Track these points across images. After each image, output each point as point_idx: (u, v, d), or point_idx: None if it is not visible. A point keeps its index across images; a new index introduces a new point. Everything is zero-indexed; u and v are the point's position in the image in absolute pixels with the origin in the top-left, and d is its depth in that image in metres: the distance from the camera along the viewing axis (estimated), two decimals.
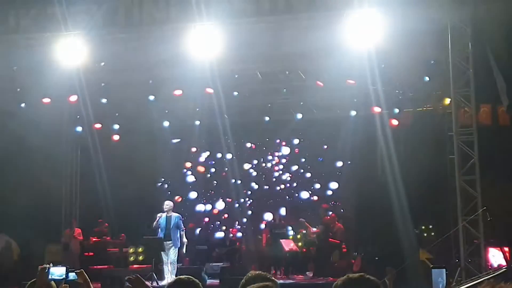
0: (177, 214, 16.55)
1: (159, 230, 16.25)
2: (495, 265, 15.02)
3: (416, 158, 18.64)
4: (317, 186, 23.22)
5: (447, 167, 18.12)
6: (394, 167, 18.18)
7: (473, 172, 14.50)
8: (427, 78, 17.78)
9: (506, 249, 15.48)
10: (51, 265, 5.27)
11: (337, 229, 18.33)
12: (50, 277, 5.20)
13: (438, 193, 18.89)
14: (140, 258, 19.47)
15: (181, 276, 4.41)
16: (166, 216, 16.26)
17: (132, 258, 19.54)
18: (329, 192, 22.90)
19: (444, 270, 3.94)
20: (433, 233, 18.24)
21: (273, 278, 4.72)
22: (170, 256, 16.04)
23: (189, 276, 4.35)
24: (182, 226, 16.53)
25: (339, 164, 22.64)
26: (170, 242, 16.19)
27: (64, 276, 5.29)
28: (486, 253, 14.58)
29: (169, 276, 15.65)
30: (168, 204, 16.52)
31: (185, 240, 16.56)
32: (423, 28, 14.17)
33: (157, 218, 16.26)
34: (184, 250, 16.74)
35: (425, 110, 19.85)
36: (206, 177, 24.08)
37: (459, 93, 14.72)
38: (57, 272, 5.24)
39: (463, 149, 14.61)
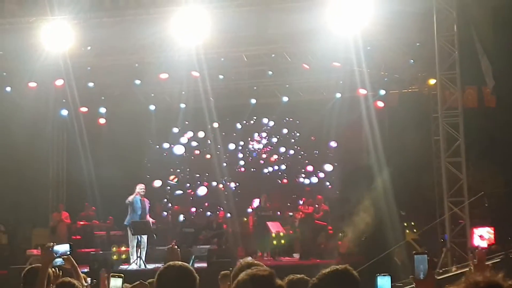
0: (147, 200, 16.63)
1: (134, 212, 16.19)
2: (481, 245, 15.14)
3: (401, 140, 18.75)
4: (309, 168, 23.36)
5: (432, 149, 18.24)
6: (379, 148, 18.25)
7: (458, 154, 14.60)
8: (412, 61, 17.88)
9: (491, 229, 15.63)
10: (54, 243, 5.37)
11: (323, 211, 18.38)
12: (55, 254, 5.29)
13: (423, 175, 19.02)
14: None
15: (175, 262, 4.11)
16: (140, 199, 16.28)
17: None
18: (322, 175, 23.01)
19: (426, 256, 3.95)
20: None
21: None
22: (143, 240, 15.96)
23: (184, 263, 4.09)
24: None
25: (329, 146, 22.65)
26: None
27: (69, 252, 5.42)
28: (471, 233, 14.70)
29: (138, 261, 15.50)
30: (143, 187, 16.53)
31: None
32: (409, 10, 14.23)
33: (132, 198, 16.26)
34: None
35: (411, 92, 19.93)
36: (191, 159, 24.07)
37: (445, 75, 14.77)
38: (61, 249, 5.34)
39: (448, 131, 14.70)
